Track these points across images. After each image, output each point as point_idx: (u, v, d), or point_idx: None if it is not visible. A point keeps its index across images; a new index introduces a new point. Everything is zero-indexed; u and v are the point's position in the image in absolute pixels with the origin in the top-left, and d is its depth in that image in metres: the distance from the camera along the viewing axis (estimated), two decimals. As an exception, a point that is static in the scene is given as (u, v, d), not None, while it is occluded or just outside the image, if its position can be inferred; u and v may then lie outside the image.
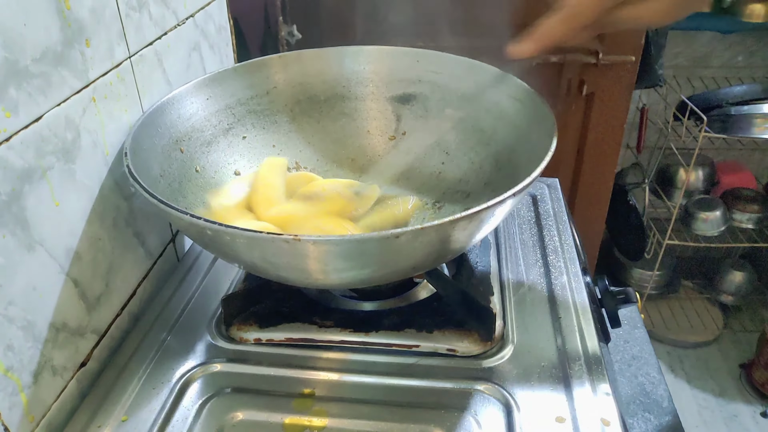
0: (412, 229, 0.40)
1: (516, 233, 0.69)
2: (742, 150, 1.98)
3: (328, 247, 0.41)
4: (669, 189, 1.84)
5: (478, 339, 0.53)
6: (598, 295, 0.63)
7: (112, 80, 0.53)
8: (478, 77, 0.65)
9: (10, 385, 0.43)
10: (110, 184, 0.53)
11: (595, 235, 1.56)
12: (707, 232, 1.78)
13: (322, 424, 0.47)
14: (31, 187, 0.43)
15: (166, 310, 0.59)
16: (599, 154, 1.40)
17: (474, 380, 0.50)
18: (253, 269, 0.52)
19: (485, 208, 0.42)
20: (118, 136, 0.54)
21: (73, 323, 0.49)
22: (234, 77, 0.67)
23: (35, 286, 0.45)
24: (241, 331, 0.55)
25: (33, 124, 0.43)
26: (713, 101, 1.60)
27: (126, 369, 0.52)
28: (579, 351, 0.52)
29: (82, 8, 0.48)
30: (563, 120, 1.33)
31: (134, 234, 0.58)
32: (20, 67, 0.41)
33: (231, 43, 0.80)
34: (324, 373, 0.51)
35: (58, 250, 0.47)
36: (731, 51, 1.87)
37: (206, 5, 0.71)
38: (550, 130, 0.53)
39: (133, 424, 0.47)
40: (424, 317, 0.56)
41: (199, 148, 0.63)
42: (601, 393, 0.48)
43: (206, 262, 0.66)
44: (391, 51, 0.70)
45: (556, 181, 0.79)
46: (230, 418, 0.48)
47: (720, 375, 1.83)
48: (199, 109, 0.63)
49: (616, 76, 1.29)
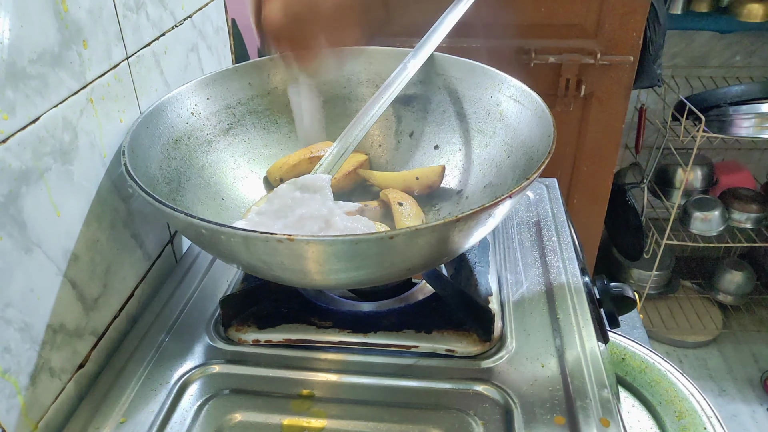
0: (407, 230, 0.40)
1: (515, 233, 0.69)
2: (741, 150, 1.99)
3: (321, 247, 0.41)
4: (667, 189, 1.84)
5: (476, 339, 0.53)
6: (597, 296, 0.63)
7: (109, 81, 0.53)
8: (479, 79, 0.65)
9: (8, 387, 0.43)
10: (108, 186, 0.53)
11: (594, 235, 1.56)
12: (706, 232, 1.78)
13: (320, 425, 0.47)
14: (29, 189, 0.43)
15: (164, 312, 0.59)
16: (598, 154, 1.40)
17: (473, 381, 0.50)
18: (249, 269, 0.52)
19: (483, 209, 0.42)
20: (115, 137, 0.54)
21: (71, 325, 0.49)
22: (234, 77, 0.67)
23: (33, 288, 0.44)
24: (239, 332, 0.55)
25: (30, 126, 0.43)
26: (711, 101, 1.61)
27: (124, 370, 0.52)
28: (578, 351, 0.52)
29: (79, 9, 0.48)
30: (562, 120, 1.33)
31: (132, 235, 0.58)
32: (17, 68, 0.41)
33: (229, 44, 0.80)
34: (322, 374, 0.51)
35: (56, 252, 0.47)
36: (729, 51, 1.87)
37: (204, 6, 0.71)
38: (549, 132, 0.53)
39: (131, 425, 0.47)
40: (423, 318, 0.55)
41: (199, 148, 0.63)
42: (600, 393, 0.48)
43: (204, 263, 0.66)
44: (392, 52, 0.70)
45: (555, 182, 0.79)
46: (229, 420, 0.48)
47: (719, 375, 1.83)
48: (199, 109, 0.63)
49: (614, 76, 1.30)
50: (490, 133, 0.64)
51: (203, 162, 0.63)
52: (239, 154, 0.67)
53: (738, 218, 1.79)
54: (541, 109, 0.57)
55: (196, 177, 0.62)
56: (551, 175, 0.78)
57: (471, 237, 0.47)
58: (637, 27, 1.25)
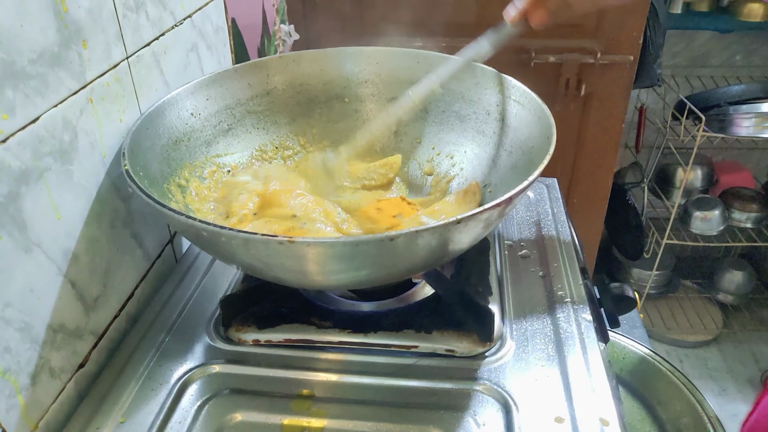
0: (407, 231, 0.40)
1: (515, 233, 0.69)
2: (741, 149, 1.98)
3: (322, 249, 0.41)
4: (668, 188, 1.84)
5: (477, 339, 0.53)
6: (597, 295, 0.63)
7: (109, 81, 0.53)
8: (479, 79, 0.65)
9: (8, 387, 0.43)
10: (108, 186, 0.53)
11: (594, 235, 1.56)
12: (706, 232, 1.78)
13: (320, 425, 0.47)
14: (29, 189, 0.43)
15: (164, 312, 0.59)
16: (598, 154, 1.40)
17: (473, 381, 0.50)
18: (249, 270, 0.52)
19: (482, 210, 0.42)
20: (115, 137, 0.54)
21: (71, 325, 0.49)
22: (234, 78, 0.67)
23: (33, 288, 0.44)
24: (239, 332, 0.55)
25: (30, 126, 0.43)
26: (712, 100, 1.60)
27: (124, 370, 0.52)
28: (578, 351, 0.52)
29: (79, 9, 0.48)
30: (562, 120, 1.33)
31: (132, 235, 0.58)
32: (17, 68, 0.41)
33: (229, 44, 0.80)
34: (323, 374, 0.51)
35: (56, 252, 0.47)
36: (730, 50, 1.87)
37: (204, 6, 0.71)
38: (549, 132, 0.53)
39: (131, 425, 0.47)
40: (423, 318, 0.55)
41: (199, 149, 0.63)
42: (600, 393, 0.48)
43: (204, 263, 0.66)
44: (391, 52, 0.70)
45: (555, 181, 0.79)
46: (229, 419, 0.48)
47: (719, 374, 1.83)
48: (198, 109, 0.63)
49: (614, 75, 1.29)
50: (490, 133, 0.64)
51: (203, 162, 0.63)
52: (239, 154, 0.67)
53: (738, 218, 1.79)
54: (541, 109, 0.57)
55: (196, 177, 0.61)
56: (551, 175, 0.78)
57: (471, 238, 0.47)
58: (637, 26, 1.25)
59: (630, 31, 1.25)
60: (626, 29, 1.25)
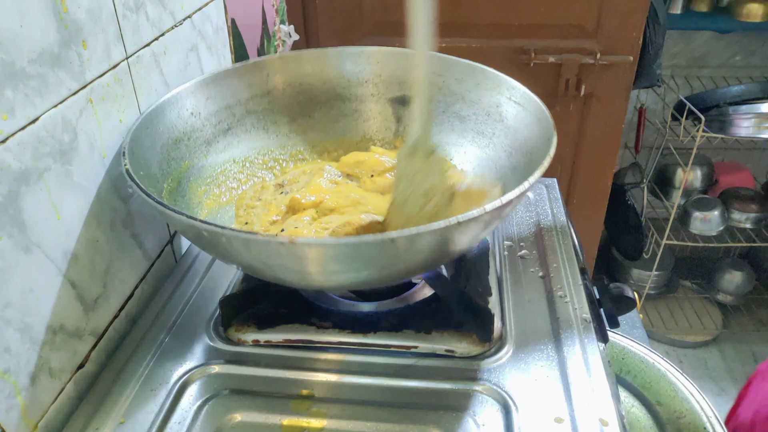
0: (408, 232, 0.40)
1: (514, 233, 0.69)
2: (741, 149, 1.98)
3: (323, 250, 0.41)
4: (667, 189, 1.84)
5: (476, 340, 0.53)
6: (597, 296, 0.63)
7: (109, 81, 0.53)
8: (479, 80, 0.65)
9: (7, 387, 0.43)
10: (108, 186, 0.53)
11: (594, 235, 1.56)
12: (705, 232, 1.78)
13: (320, 426, 0.47)
14: (28, 189, 0.43)
15: (164, 312, 0.59)
16: (597, 154, 1.40)
17: (472, 381, 0.50)
18: (250, 270, 0.52)
19: (482, 212, 0.42)
20: (115, 137, 0.54)
21: (71, 325, 0.49)
22: (234, 77, 0.67)
23: (32, 288, 0.44)
24: (239, 333, 0.55)
25: (30, 126, 0.43)
26: (711, 101, 1.61)
27: (124, 371, 0.52)
28: (577, 351, 0.52)
29: (78, 9, 0.48)
30: (561, 120, 1.33)
31: (132, 235, 0.58)
32: (17, 68, 0.41)
33: (228, 44, 0.80)
34: (322, 374, 0.51)
35: (56, 252, 0.47)
36: (729, 51, 1.87)
37: (204, 6, 0.71)
38: (549, 134, 0.53)
39: (131, 426, 0.47)
40: (423, 318, 0.55)
41: (199, 148, 0.63)
42: (600, 393, 0.48)
43: (204, 263, 0.66)
44: (392, 52, 0.70)
45: (555, 181, 0.79)
46: (228, 420, 0.48)
47: (719, 375, 1.83)
48: (198, 109, 0.63)
49: (614, 76, 1.29)
50: (490, 134, 0.64)
51: (203, 162, 0.63)
52: (239, 154, 0.67)
53: (738, 218, 1.79)
54: (542, 111, 0.57)
55: (196, 178, 0.61)
56: (551, 175, 0.78)
57: (471, 239, 0.47)
58: (636, 27, 1.25)
59: (630, 32, 1.25)
60: (626, 30, 1.25)
